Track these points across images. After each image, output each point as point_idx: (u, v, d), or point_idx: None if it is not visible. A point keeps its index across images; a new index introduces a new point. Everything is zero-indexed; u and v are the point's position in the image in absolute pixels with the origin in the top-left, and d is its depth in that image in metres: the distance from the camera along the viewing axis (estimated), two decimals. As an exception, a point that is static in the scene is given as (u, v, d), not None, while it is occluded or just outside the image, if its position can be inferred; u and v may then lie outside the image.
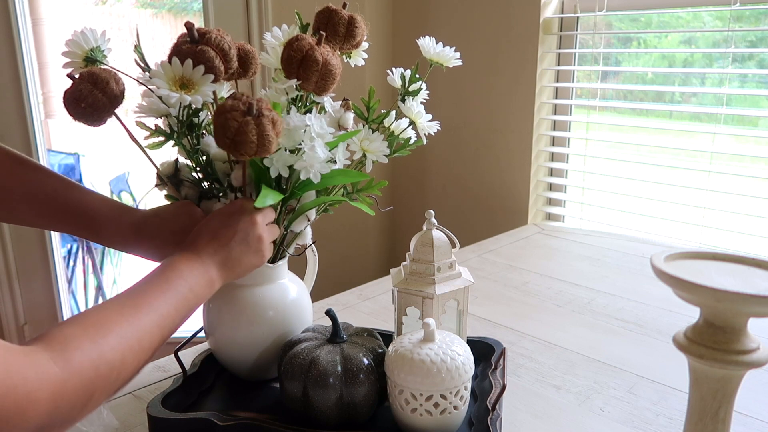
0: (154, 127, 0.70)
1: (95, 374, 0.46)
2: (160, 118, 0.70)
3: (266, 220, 0.67)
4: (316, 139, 0.66)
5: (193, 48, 0.65)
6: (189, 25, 0.65)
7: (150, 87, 0.67)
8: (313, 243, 0.83)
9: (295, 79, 0.71)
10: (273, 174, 0.66)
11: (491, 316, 1.08)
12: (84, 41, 0.70)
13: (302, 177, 0.66)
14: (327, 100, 0.76)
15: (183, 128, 0.70)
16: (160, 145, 0.72)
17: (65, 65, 0.70)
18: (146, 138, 0.72)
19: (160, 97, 0.65)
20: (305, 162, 0.65)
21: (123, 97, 0.69)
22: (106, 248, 2.78)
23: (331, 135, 0.68)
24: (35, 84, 1.84)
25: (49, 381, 0.43)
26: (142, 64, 0.71)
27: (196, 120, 0.71)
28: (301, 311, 0.80)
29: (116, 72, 0.69)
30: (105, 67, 0.70)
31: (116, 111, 0.70)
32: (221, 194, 0.74)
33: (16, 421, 0.40)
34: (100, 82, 0.67)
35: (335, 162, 0.70)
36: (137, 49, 0.71)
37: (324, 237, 1.53)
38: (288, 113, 0.67)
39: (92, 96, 0.66)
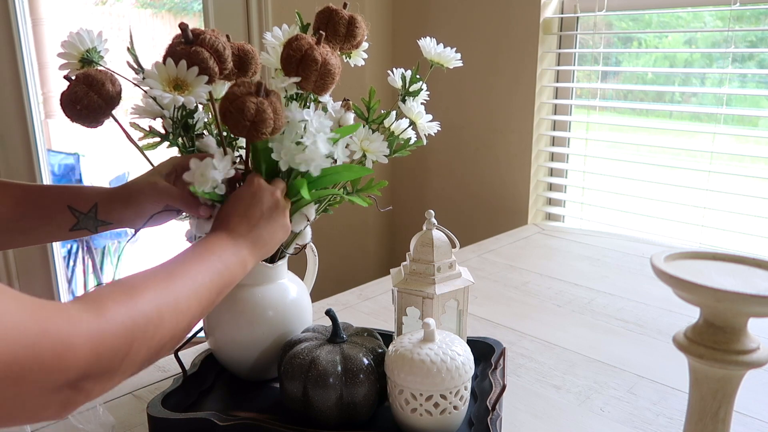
0: (148, 128, 0.70)
1: (132, 322, 0.46)
2: (156, 119, 0.70)
3: (282, 191, 0.68)
4: (317, 134, 0.66)
5: (187, 49, 0.65)
6: (183, 26, 0.65)
7: (143, 88, 0.67)
8: (305, 246, 0.83)
9: (295, 79, 0.70)
10: (283, 167, 0.66)
11: (491, 316, 1.08)
12: (80, 42, 0.70)
13: (302, 169, 0.66)
14: (327, 100, 0.76)
15: (178, 129, 0.70)
16: (155, 145, 0.72)
17: (61, 66, 0.70)
18: (140, 139, 0.72)
19: (154, 98, 0.65)
20: (306, 156, 0.65)
21: (119, 98, 0.69)
22: (106, 248, 2.78)
23: (330, 130, 0.69)
24: (35, 84, 1.84)
25: (85, 326, 0.43)
26: (136, 66, 0.71)
27: (190, 121, 0.71)
28: (301, 311, 0.80)
29: (113, 73, 0.69)
30: (101, 68, 0.70)
31: (114, 112, 0.70)
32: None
33: (55, 365, 0.40)
34: (96, 83, 0.67)
35: (335, 160, 0.70)
36: (131, 50, 0.71)
37: (324, 237, 1.53)
38: (288, 107, 0.67)
39: (88, 98, 0.66)
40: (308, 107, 0.73)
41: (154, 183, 0.69)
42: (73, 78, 0.67)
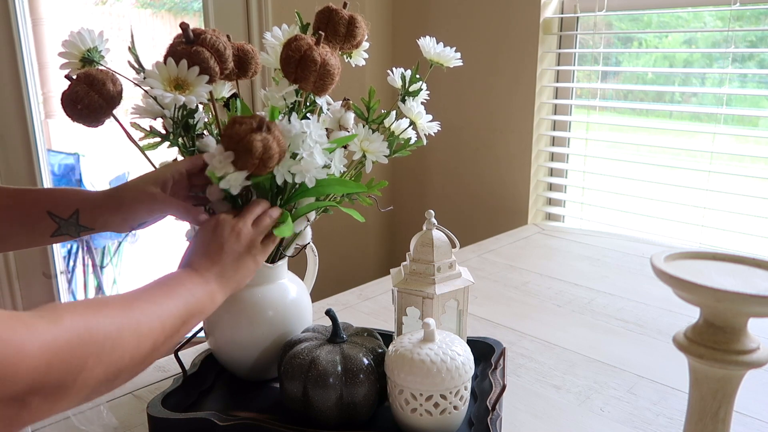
0: (148, 128, 0.70)
1: (89, 335, 0.45)
2: (156, 119, 0.70)
3: (250, 220, 0.67)
4: (314, 145, 0.66)
5: (188, 49, 0.65)
6: (184, 26, 0.65)
7: (144, 88, 0.67)
8: (305, 246, 0.83)
9: (294, 85, 0.71)
10: (279, 180, 0.66)
11: (491, 316, 1.08)
12: (81, 42, 0.70)
13: (297, 181, 0.66)
14: (325, 101, 0.76)
15: (178, 129, 0.70)
16: (155, 145, 0.72)
17: (62, 66, 0.70)
18: (141, 139, 0.72)
19: (155, 98, 0.65)
20: (301, 167, 0.65)
21: (120, 98, 0.69)
22: (106, 248, 2.78)
23: (327, 141, 0.69)
24: (35, 84, 1.84)
25: (39, 333, 0.41)
26: (137, 66, 0.71)
27: (191, 121, 0.71)
28: (301, 311, 0.80)
29: (113, 73, 0.69)
30: (102, 68, 0.70)
31: (115, 111, 0.70)
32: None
33: (5, 372, 0.38)
34: (97, 83, 0.67)
35: (330, 168, 0.70)
36: (132, 50, 0.71)
37: (324, 237, 1.53)
38: (289, 119, 0.67)
39: (88, 97, 0.66)
40: (307, 118, 0.73)
41: (152, 194, 0.68)
42: (74, 77, 0.67)
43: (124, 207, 0.69)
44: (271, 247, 0.68)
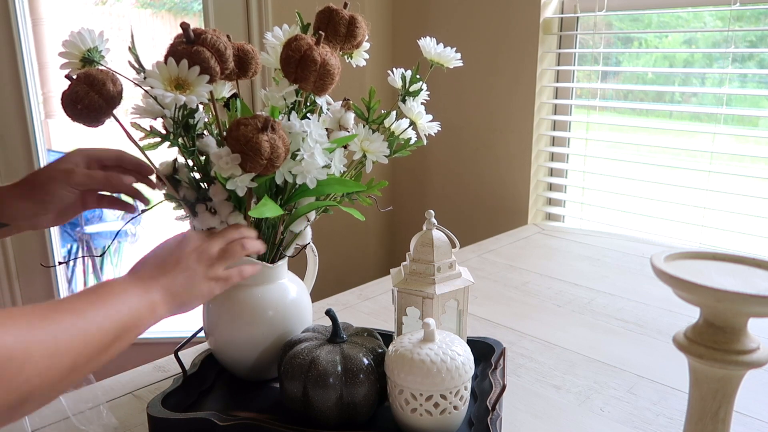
0: (149, 128, 0.70)
1: None
2: (157, 119, 0.70)
3: (220, 244, 0.63)
4: (315, 146, 0.66)
5: (188, 49, 0.65)
6: (184, 26, 0.65)
7: (145, 88, 0.67)
8: (305, 246, 0.83)
9: (294, 85, 0.71)
10: (279, 180, 0.66)
11: (491, 316, 1.08)
12: (81, 42, 0.70)
13: (298, 182, 0.66)
14: (325, 101, 0.76)
15: (179, 129, 0.70)
16: (156, 146, 0.72)
17: (62, 66, 0.70)
18: (141, 139, 0.72)
19: (155, 98, 0.65)
20: (302, 168, 0.65)
21: (120, 98, 0.69)
22: (107, 248, 2.78)
23: (327, 141, 0.69)
24: (35, 84, 1.84)
25: None
26: (137, 66, 0.71)
27: (191, 121, 0.71)
28: (301, 311, 0.80)
29: (113, 73, 0.69)
30: (102, 68, 0.70)
31: (115, 111, 0.70)
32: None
33: None
34: (97, 83, 0.67)
35: (330, 168, 0.70)
36: (132, 50, 0.71)
37: (324, 237, 1.53)
38: (288, 118, 0.67)
39: (88, 97, 0.66)
40: (307, 117, 0.73)
41: (67, 170, 0.65)
42: (74, 77, 0.67)
43: (37, 189, 0.65)
44: (232, 282, 0.64)
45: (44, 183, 0.66)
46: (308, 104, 0.75)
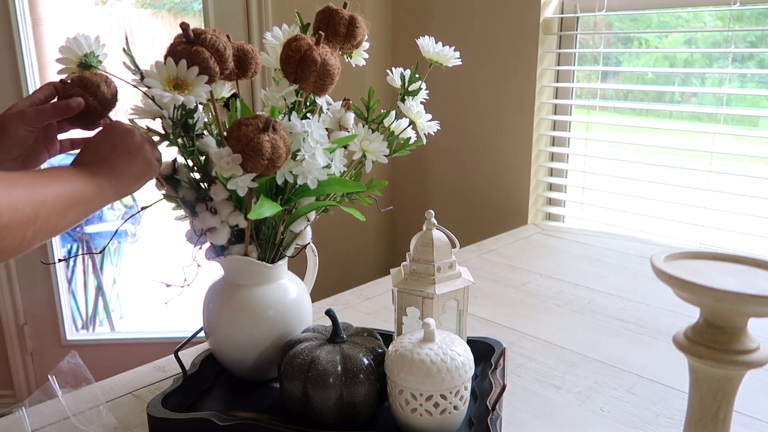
0: (146, 128, 0.71)
1: None
2: (155, 119, 0.70)
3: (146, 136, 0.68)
4: (316, 146, 0.66)
5: (188, 49, 0.65)
6: (184, 26, 0.65)
7: (142, 88, 0.67)
8: (305, 246, 0.83)
9: (294, 85, 0.71)
10: (279, 180, 0.66)
11: (491, 316, 1.08)
12: (77, 47, 0.70)
13: (299, 182, 0.66)
14: (325, 101, 0.76)
15: (177, 129, 0.70)
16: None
17: (59, 72, 0.71)
18: None
19: (153, 98, 0.65)
20: (303, 168, 0.65)
21: (115, 100, 0.70)
22: (107, 248, 2.78)
23: (328, 141, 0.69)
24: (35, 84, 1.84)
25: None
26: (132, 67, 0.71)
27: (190, 121, 0.71)
28: (301, 311, 0.80)
29: (108, 75, 0.70)
30: (97, 71, 0.71)
31: (114, 112, 0.70)
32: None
33: None
34: (91, 86, 0.67)
35: (330, 168, 0.70)
36: (126, 52, 0.71)
37: (324, 237, 1.53)
38: (288, 118, 0.67)
39: (83, 101, 0.67)
40: (307, 118, 0.73)
41: (20, 111, 0.67)
42: (68, 81, 0.68)
43: None
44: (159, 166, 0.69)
45: (1, 127, 0.68)
46: (308, 104, 0.75)
